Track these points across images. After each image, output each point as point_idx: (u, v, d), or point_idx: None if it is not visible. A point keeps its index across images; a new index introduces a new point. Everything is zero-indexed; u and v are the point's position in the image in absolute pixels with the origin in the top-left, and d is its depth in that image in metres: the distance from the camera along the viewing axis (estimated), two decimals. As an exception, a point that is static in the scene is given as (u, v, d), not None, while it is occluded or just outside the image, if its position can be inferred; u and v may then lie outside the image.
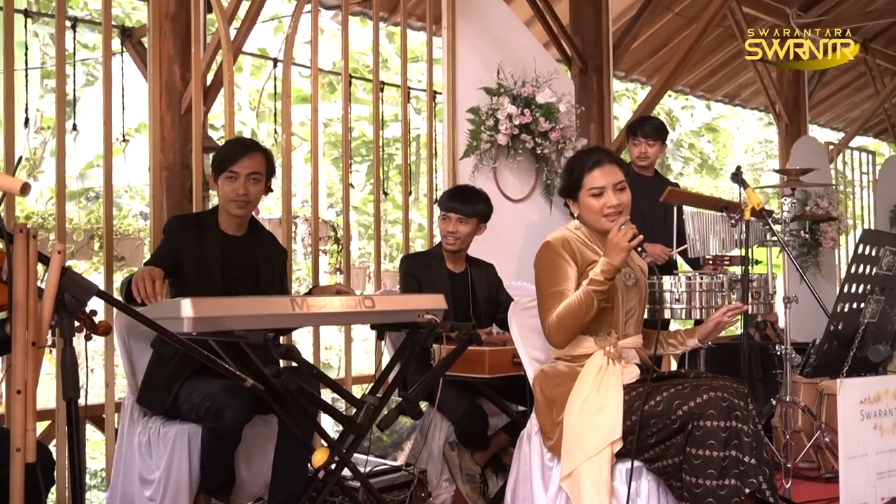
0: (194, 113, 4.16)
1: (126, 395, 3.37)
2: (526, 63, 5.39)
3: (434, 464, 3.69)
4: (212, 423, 2.90)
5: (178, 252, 3.17)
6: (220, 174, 3.22)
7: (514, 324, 3.25)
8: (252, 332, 2.56)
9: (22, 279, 1.56)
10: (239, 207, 3.24)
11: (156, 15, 4.21)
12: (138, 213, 10.94)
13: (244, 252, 3.30)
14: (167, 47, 4.24)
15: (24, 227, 1.57)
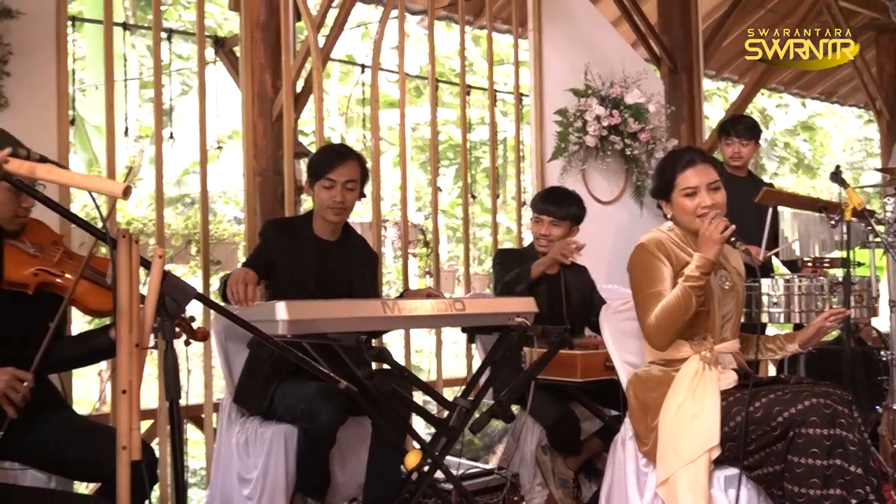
0: (285, 119, 4.23)
1: (224, 395, 3.44)
2: (613, 64, 5.33)
3: (526, 468, 3.66)
4: (307, 425, 2.94)
5: (273, 255, 3.22)
6: (317, 181, 3.25)
7: (606, 327, 3.20)
8: (345, 334, 2.58)
9: (125, 283, 1.60)
10: (336, 214, 3.27)
11: (247, 24, 4.30)
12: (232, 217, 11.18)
13: (337, 256, 3.33)
14: (258, 56, 4.32)
15: (126, 232, 1.60)
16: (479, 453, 4.87)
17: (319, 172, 3.24)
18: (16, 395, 2.35)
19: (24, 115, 3.35)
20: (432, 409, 4.27)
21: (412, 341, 4.83)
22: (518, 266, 3.82)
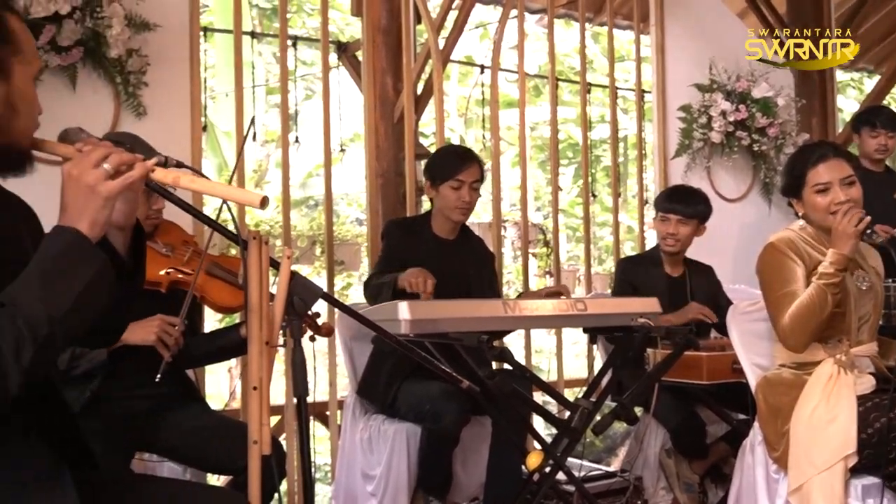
0: (406, 122, 4.28)
1: (348, 393, 3.51)
2: (740, 57, 5.17)
3: (650, 471, 3.59)
4: (431, 425, 2.97)
5: (397, 254, 3.29)
6: (444, 182, 3.31)
7: (733, 328, 3.10)
8: (466, 334, 2.59)
9: (256, 283, 1.64)
10: (462, 214, 3.35)
11: (369, 29, 4.37)
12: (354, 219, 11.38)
13: (456, 256, 3.37)
14: (380, 60, 4.39)
15: (257, 234, 1.64)
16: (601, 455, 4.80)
17: (447, 174, 3.30)
18: (169, 339, 2.50)
19: (161, 123, 3.49)
20: (553, 410, 4.24)
21: (532, 342, 4.81)
22: (644, 277, 3.75)
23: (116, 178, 1.44)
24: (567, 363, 4.92)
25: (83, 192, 1.42)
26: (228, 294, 2.74)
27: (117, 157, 1.45)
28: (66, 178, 1.44)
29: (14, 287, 1.37)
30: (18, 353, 1.31)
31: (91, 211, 1.42)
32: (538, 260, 6.37)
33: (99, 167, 1.43)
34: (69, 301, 1.37)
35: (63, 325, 1.36)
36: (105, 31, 3.29)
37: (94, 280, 1.40)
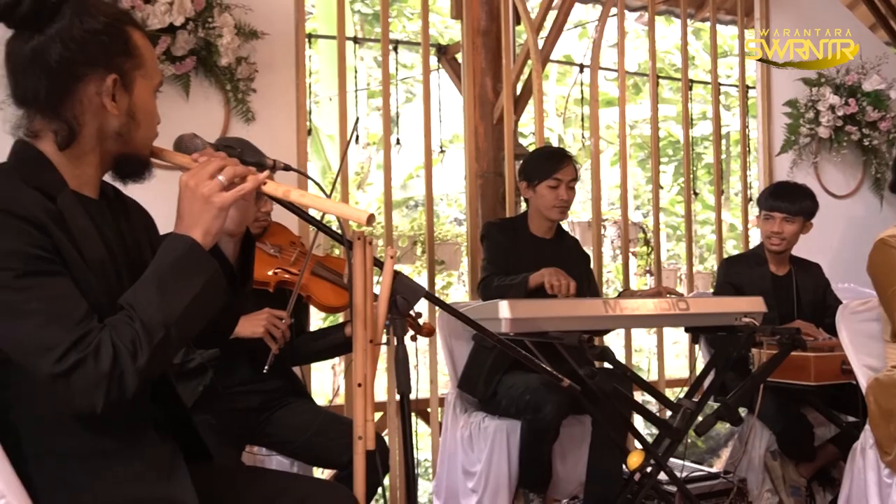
0: (506, 122, 4.28)
1: (448, 391, 3.53)
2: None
3: (755, 473, 3.50)
4: (531, 415, 2.98)
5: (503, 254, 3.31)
6: (541, 182, 3.35)
7: (843, 328, 3.00)
8: (567, 333, 2.58)
9: (360, 283, 1.67)
10: (560, 213, 3.39)
11: (468, 31, 4.39)
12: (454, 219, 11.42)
13: (554, 254, 3.38)
14: (479, 61, 4.40)
15: (361, 235, 1.67)
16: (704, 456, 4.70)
17: (544, 174, 3.35)
18: (276, 331, 2.57)
19: (268, 128, 3.58)
20: (653, 410, 4.18)
21: (632, 341, 4.75)
22: (748, 277, 3.66)
23: (230, 190, 1.50)
24: (667, 363, 4.84)
25: (198, 203, 1.48)
26: (333, 294, 2.80)
27: (231, 169, 1.51)
28: (182, 188, 1.50)
29: (132, 292, 1.43)
30: (135, 355, 1.37)
31: (205, 220, 1.47)
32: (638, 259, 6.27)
33: (214, 179, 1.49)
34: (183, 306, 1.42)
35: (177, 328, 1.42)
36: (216, 41, 3.39)
37: (206, 287, 1.46)
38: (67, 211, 1.47)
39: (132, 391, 1.38)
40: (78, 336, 1.35)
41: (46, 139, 1.51)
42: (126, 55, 1.53)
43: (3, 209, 1.38)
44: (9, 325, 1.36)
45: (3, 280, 1.35)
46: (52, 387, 1.36)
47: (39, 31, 1.46)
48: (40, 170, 1.50)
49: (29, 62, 1.47)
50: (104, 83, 1.50)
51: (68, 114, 1.49)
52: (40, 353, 1.34)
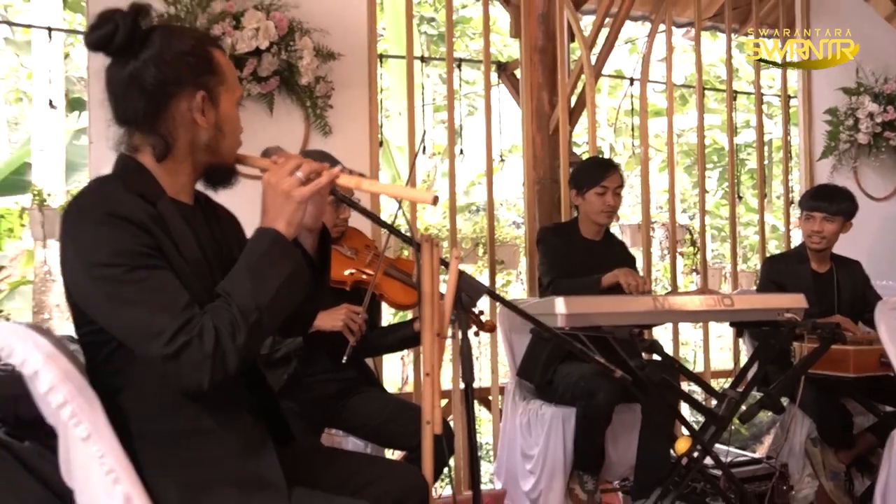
0: (561, 133, 4.26)
1: (508, 380, 3.53)
2: (888, 59, 4.84)
3: (795, 459, 3.41)
4: (585, 402, 2.96)
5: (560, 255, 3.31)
6: (590, 189, 3.35)
7: (881, 323, 2.90)
8: (618, 327, 2.55)
9: (428, 281, 1.68)
10: (607, 217, 3.39)
11: (526, 49, 4.38)
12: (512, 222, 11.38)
13: (602, 255, 3.37)
14: (536, 77, 4.38)
15: (429, 237, 1.68)
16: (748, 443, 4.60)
17: (593, 181, 3.35)
18: (353, 325, 2.60)
19: (344, 140, 3.62)
20: (699, 399, 4.11)
21: (679, 335, 4.68)
22: (790, 274, 3.57)
23: (307, 185, 1.53)
24: (712, 355, 4.75)
25: (280, 197, 1.51)
26: (403, 292, 2.82)
27: (308, 165, 1.54)
28: (265, 186, 1.54)
29: (227, 281, 1.47)
30: (234, 335, 1.41)
31: (287, 213, 1.51)
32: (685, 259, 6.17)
33: (293, 175, 1.52)
34: (273, 291, 1.46)
35: (268, 311, 1.45)
36: (297, 62, 3.44)
37: (292, 273, 1.50)
38: (166, 215, 1.52)
39: (233, 368, 1.42)
40: (183, 321, 1.39)
41: (145, 152, 1.56)
42: (211, 73, 1.57)
43: (111, 213, 1.43)
44: (122, 314, 1.41)
45: (115, 275, 1.40)
46: (161, 369, 1.40)
47: (134, 56, 1.51)
48: (141, 179, 1.54)
49: (127, 85, 1.52)
50: (194, 100, 1.54)
51: (163, 129, 1.54)
52: (151, 338, 1.38)
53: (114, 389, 1.52)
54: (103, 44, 1.51)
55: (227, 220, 1.75)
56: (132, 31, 1.50)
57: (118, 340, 1.48)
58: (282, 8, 3.44)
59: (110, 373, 1.53)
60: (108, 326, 1.46)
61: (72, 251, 1.46)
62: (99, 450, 1.46)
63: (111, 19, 1.50)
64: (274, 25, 3.37)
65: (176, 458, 1.51)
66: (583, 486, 3.14)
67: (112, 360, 1.51)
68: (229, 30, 3.31)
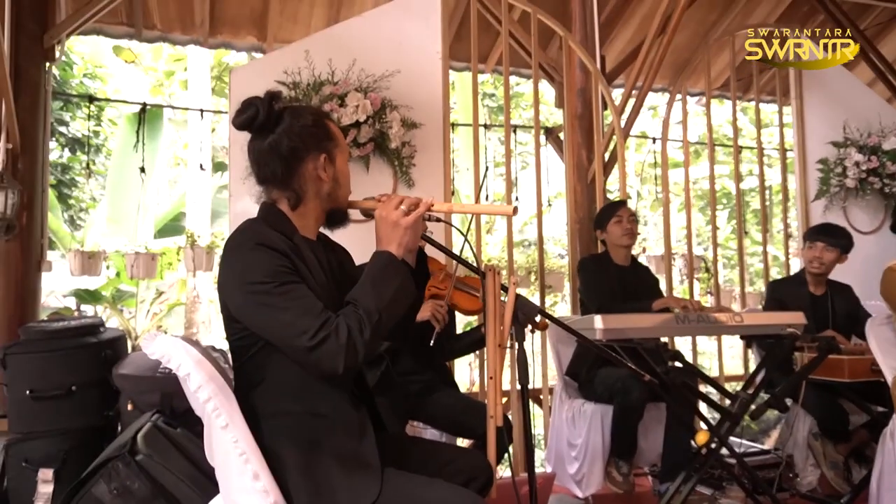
0: (597, 182, 4.21)
1: (556, 382, 3.46)
2: (870, 118, 4.65)
3: (799, 450, 3.25)
4: (622, 398, 2.89)
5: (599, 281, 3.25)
6: (608, 221, 3.32)
7: (871, 336, 2.76)
8: (647, 340, 2.49)
9: (491, 302, 1.68)
10: (629, 239, 3.31)
11: (568, 116, 4.36)
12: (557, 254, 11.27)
13: (632, 278, 3.31)
14: (576, 138, 4.35)
15: (492, 267, 1.69)
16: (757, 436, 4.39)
17: (609, 215, 3.33)
18: (438, 315, 2.59)
19: (424, 191, 3.63)
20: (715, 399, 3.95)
21: (697, 345, 4.53)
22: (791, 295, 3.43)
23: (410, 214, 1.56)
24: (725, 362, 4.58)
25: (390, 226, 1.56)
26: (470, 302, 2.79)
27: (408, 200, 1.58)
28: (378, 219, 1.58)
29: (355, 291, 1.51)
30: (362, 331, 1.44)
31: (396, 238, 1.55)
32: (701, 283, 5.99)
33: (398, 208, 1.56)
34: (389, 297, 1.50)
35: (386, 313, 1.48)
36: (387, 131, 3.49)
37: (402, 284, 1.53)
38: (300, 246, 1.57)
39: (362, 358, 1.44)
40: (323, 321, 1.43)
41: (282, 203, 1.62)
42: (329, 139, 1.62)
43: (262, 243, 1.49)
44: (274, 319, 1.44)
45: (267, 290, 1.45)
46: (304, 359, 1.43)
47: (271, 131, 1.57)
48: (281, 221, 1.60)
49: (267, 153, 1.58)
50: (318, 160, 1.59)
51: (295, 185, 1.59)
52: (298, 335, 1.42)
53: (255, 382, 1.57)
54: (247, 124, 1.58)
55: (342, 252, 1.79)
56: (269, 112, 1.56)
57: (262, 342, 1.52)
58: (376, 89, 3.50)
59: (253, 368, 1.57)
60: (262, 329, 1.49)
61: (232, 274, 1.51)
62: (234, 437, 1.49)
63: (252, 104, 1.57)
64: (370, 103, 3.44)
65: (297, 435, 1.53)
66: (619, 469, 3.05)
67: (255, 358, 1.56)
68: (335, 107, 3.38)
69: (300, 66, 3.46)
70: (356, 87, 3.47)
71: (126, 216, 7.25)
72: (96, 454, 2.29)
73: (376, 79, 3.53)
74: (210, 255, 4.97)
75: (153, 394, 2.53)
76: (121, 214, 7.34)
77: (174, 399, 2.48)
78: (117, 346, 2.81)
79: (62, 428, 2.60)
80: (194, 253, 4.95)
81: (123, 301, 7.59)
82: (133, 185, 7.00)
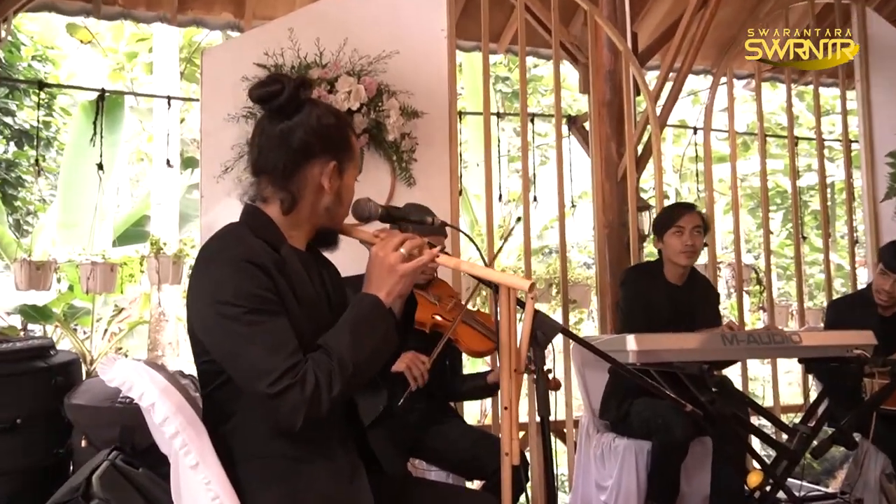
0: (629, 179, 4.20)
1: (582, 414, 3.45)
2: (949, 103, 4.63)
3: (871, 494, 3.21)
4: (663, 436, 2.86)
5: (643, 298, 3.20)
6: (667, 231, 3.20)
7: (953, 361, 2.73)
8: (689, 363, 2.47)
9: (506, 320, 1.67)
10: (687, 258, 3.19)
11: (595, 103, 4.36)
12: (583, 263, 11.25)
13: (685, 300, 3.23)
14: (604, 128, 4.35)
15: (506, 278, 1.67)
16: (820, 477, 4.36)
17: (669, 222, 3.21)
18: (416, 371, 2.54)
19: (427, 190, 3.65)
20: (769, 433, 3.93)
21: (748, 370, 4.51)
22: (856, 318, 3.37)
23: (410, 261, 1.57)
24: (781, 390, 4.55)
25: (385, 270, 1.56)
26: (477, 341, 2.78)
27: (410, 243, 1.58)
28: (373, 258, 1.59)
29: (330, 335, 1.52)
30: (331, 385, 1.45)
31: (388, 284, 1.56)
32: (751, 297, 5.98)
33: (398, 251, 1.57)
34: (369, 350, 1.51)
35: (363, 367, 1.50)
36: (384, 121, 3.50)
37: (385, 336, 1.54)
38: (287, 258, 1.57)
39: (325, 413, 1.45)
40: (289, 366, 1.43)
41: (272, 204, 1.62)
42: (345, 149, 1.64)
43: (240, 257, 1.49)
44: (237, 352, 1.46)
45: (236, 314, 1.45)
46: (263, 405, 1.45)
47: (288, 118, 1.59)
48: (267, 228, 1.60)
49: (276, 140, 1.59)
50: (327, 166, 1.60)
51: (294, 187, 1.60)
52: (259, 377, 1.43)
53: (225, 415, 1.57)
54: (266, 99, 1.59)
55: (331, 268, 1.80)
56: (294, 96, 1.58)
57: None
58: (371, 73, 3.52)
59: (223, 399, 1.57)
60: (222, 359, 1.50)
61: (201, 287, 1.52)
62: (205, 477, 1.48)
63: (279, 81, 1.58)
64: (364, 89, 3.45)
65: (276, 481, 1.53)
66: (656, 517, 3.03)
67: (225, 387, 1.55)
68: (324, 94, 3.39)
69: (283, 47, 3.47)
70: (348, 70, 3.48)
71: (81, 220, 7.28)
72: (44, 499, 2.29)
73: (371, 61, 3.54)
74: (178, 266, 4.99)
75: (111, 428, 2.52)
76: (75, 218, 7.38)
77: (136, 434, 2.47)
78: (70, 371, 2.81)
79: (4, 468, 2.60)
80: (160, 263, 4.97)
81: (77, 319, 7.62)
82: (89, 185, 7.02)
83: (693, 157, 6.13)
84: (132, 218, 8.79)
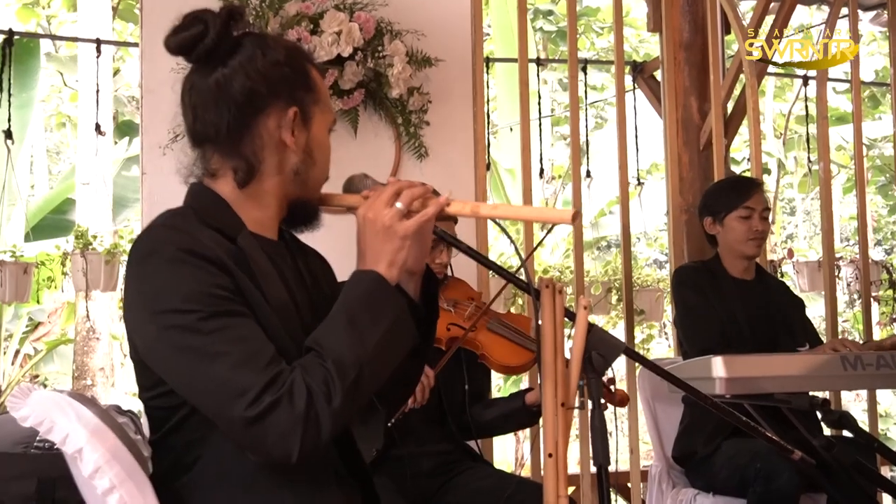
0: (715, 147, 4.19)
1: (653, 463, 3.45)
2: None
3: None
4: (763, 488, 2.86)
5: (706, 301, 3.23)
6: (729, 213, 3.30)
7: None
8: (795, 395, 2.47)
9: (550, 337, 1.65)
10: (757, 246, 3.31)
11: (669, 45, 4.35)
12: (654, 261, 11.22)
13: (759, 297, 3.31)
14: (682, 79, 4.34)
15: (550, 282, 1.65)
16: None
17: (733, 203, 3.30)
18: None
19: (443, 164, 3.66)
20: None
21: (878, 404, 4.49)
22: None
23: (411, 217, 1.54)
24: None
25: (380, 234, 1.53)
26: (511, 352, 2.79)
27: (409, 192, 1.55)
28: (361, 223, 1.56)
29: (320, 332, 1.50)
30: (330, 396, 1.42)
31: (388, 252, 1.53)
32: (882, 305, 5.93)
33: (392, 206, 1.54)
34: (373, 344, 1.48)
35: (369, 368, 1.47)
36: (386, 71, 3.51)
37: (395, 323, 1.52)
38: (248, 250, 1.56)
39: (328, 435, 1.43)
40: (270, 378, 1.41)
41: (224, 179, 1.62)
42: (306, 89, 1.63)
43: (184, 249, 1.48)
44: (197, 371, 1.44)
45: (189, 323, 1.44)
46: (241, 436, 1.42)
47: (222, 63, 1.58)
48: (218, 211, 1.60)
49: (212, 95, 1.58)
50: (285, 116, 1.59)
51: (247, 150, 1.59)
52: (232, 398, 1.40)
53: (185, 464, 1.55)
54: (188, 47, 1.58)
55: (316, 259, 1.79)
56: (223, 35, 1.57)
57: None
58: (368, 7, 3.52)
59: (182, 445, 1.56)
60: (178, 386, 1.49)
61: (138, 295, 1.52)
62: (151, 548, 1.50)
63: (200, 19, 1.57)
64: (359, 28, 3.45)
65: None
66: None
67: (184, 429, 1.54)
68: (306, 35, 3.41)
69: (250, -28, 3.49)
70: (337, 3, 3.49)
71: (-17, 206, 7.35)
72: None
73: (368, -10, 3.56)
74: (112, 267, 5.02)
75: (25, 480, 2.55)
76: (-25, 204, 7.45)
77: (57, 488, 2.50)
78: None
79: None
80: (88, 263, 5.00)
81: (-20, 338, 7.70)
82: (-6, 159, 7.09)
83: (802, 117, 6.10)
84: (51, 203, 8.85)
